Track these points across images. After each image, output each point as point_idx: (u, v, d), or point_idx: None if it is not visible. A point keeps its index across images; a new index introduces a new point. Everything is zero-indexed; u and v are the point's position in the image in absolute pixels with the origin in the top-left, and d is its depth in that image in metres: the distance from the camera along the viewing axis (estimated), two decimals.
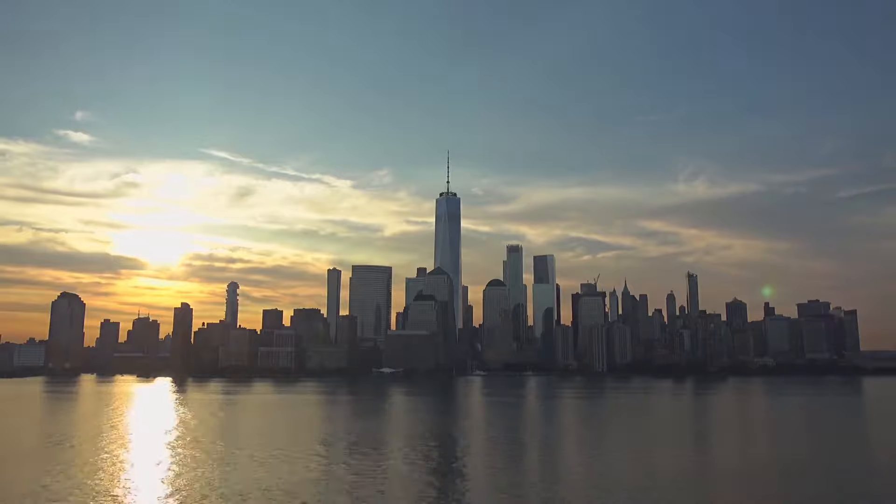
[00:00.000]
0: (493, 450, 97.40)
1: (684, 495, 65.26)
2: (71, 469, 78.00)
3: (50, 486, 67.79)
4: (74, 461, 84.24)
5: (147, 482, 71.07)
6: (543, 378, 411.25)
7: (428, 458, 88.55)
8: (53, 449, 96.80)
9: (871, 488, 68.80)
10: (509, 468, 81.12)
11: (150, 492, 66.07)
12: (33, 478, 72.59)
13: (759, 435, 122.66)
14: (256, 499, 62.41)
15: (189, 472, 76.71)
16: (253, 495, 63.56)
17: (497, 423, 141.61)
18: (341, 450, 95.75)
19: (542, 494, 65.88)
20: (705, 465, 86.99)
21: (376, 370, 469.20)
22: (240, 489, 66.09)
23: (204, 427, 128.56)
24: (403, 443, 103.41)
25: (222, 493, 64.46)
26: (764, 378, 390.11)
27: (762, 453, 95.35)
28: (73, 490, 66.15)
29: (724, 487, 69.83)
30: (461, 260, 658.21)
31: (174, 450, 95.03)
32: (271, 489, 66.01)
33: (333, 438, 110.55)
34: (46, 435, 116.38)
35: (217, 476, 73.51)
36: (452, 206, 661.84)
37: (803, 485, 70.33)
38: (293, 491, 65.42)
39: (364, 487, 67.69)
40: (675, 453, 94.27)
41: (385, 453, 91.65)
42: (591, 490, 67.80)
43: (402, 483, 70.90)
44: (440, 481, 72.12)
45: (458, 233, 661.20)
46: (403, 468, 79.60)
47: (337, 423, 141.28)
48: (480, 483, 72.04)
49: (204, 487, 67.39)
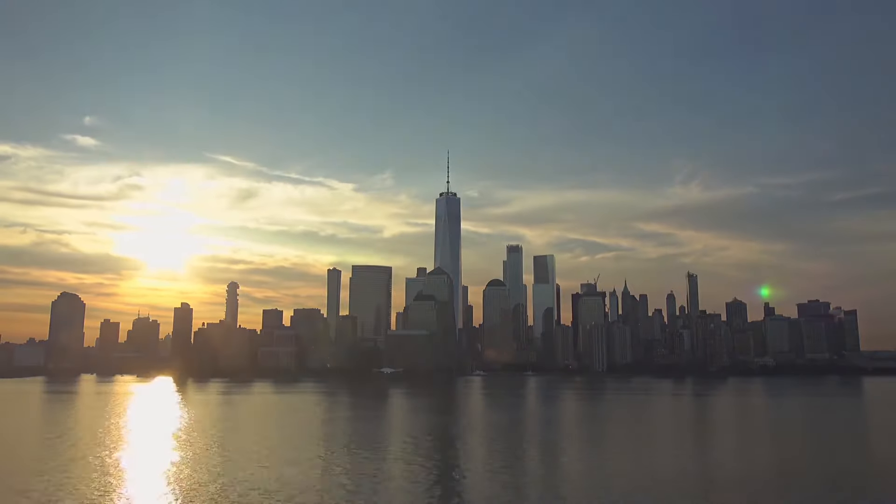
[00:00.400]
0: (492, 450, 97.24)
1: (684, 496, 65.23)
2: (70, 469, 77.90)
3: (48, 487, 67.71)
4: (73, 461, 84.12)
5: (145, 483, 70.93)
6: (543, 378, 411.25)
7: (427, 459, 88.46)
8: (53, 449, 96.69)
9: (871, 489, 68.77)
10: (509, 470, 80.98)
11: (149, 492, 65.91)
12: (32, 478, 72.52)
13: (760, 437, 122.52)
14: (255, 499, 62.35)
15: (188, 472, 76.60)
16: (251, 496, 63.48)
17: (496, 425, 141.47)
18: (340, 451, 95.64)
19: (541, 495, 65.83)
20: (705, 467, 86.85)
21: (376, 370, 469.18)
22: (239, 490, 66.01)
23: (203, 428, 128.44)
24: (402, 443, 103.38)
25: (222, 494, 64.42)
26: (764, 378, 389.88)
27: (763, 455, 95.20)
28: (72, 491, 66.08)
29: (724, 489, 69.74)
30: (461, 260, 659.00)
31: (172, 451, 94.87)
32: (271, 490, 65.92)
33: (333, 439, 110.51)
34: (46, 435, 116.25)
35: (216, 477, 73.38)
36: (452, 206, 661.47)
37: (803, 486, 70.24)
38: (292, 492, 65.34)
39: (364, 490, 67.60)
40: (675, 454, 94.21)
41: (385, 454, 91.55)
42: (590, 490, 67.74)
43: (401, 485, 70.82)
44: (439, 483, 72.09)
45: (458, 233, 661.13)
46: (402, 470, 79.52)
47: (336, 424, 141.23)
48: (480, 484, 71.91)
49: (203, 488, 67.30)
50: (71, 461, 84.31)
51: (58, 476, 73.39)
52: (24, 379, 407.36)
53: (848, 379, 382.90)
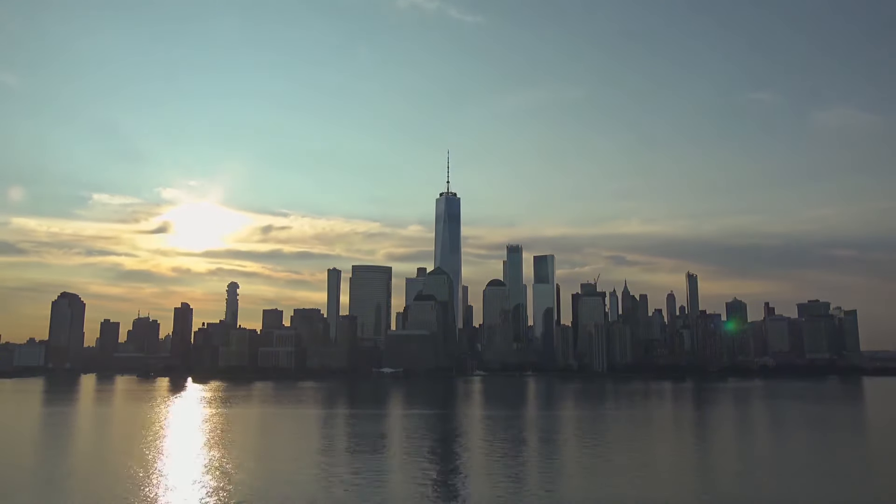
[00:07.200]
0: (492, 450, 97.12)
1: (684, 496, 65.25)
2: (67, 471, 77.91)
3: (45, 489, 67.69)
4: (71, 463, 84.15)
5: (143, 484, 70.92)
6: (543, 378, 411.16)
7: (427, 459, 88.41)
8: (50, 450, 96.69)
9: (871, 489, 68.74)
10: (509, 470, 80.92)
11: (148, 494, 65.91)
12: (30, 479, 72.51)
13: (760, 437, 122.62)
14: (255, 499, 62.31)
15: (187, 473, 76.62)
16: (250, 496, 63.45)
17: (497, 424, 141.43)
18: (340, 451, 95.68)
19: (541, 495, 65.80)
20: (706, 467, 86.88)
21: (376, 370, 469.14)
22: (238, 489, 65.98)
23: (203, 428, 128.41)
24: (402, 443, 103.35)
25: (220, 493, 64.39)
26: (764, 378, 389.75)
27: (763, 455, 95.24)
28: (70, 491, 66.07)
29: (724, 490, 69.73)
30: (461, 260, 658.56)
31: (170, 452, 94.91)
32: (271, 490, 65.91)
33: (333, 439, 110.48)
34: (44, 436, 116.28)
35: (215, 477, 73.37)
36: (452, 206, 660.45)
37: (804, 486, 70.21)
38: (293, 492, 65.33)
39: (365, 490, 67.57)
40: (676, 455, 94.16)
41: (385, 454, 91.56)
42: (590, 490, 67.73)
43: (401, 485, 70.82)
44: (439, 483, 72.09)
45: (458, 233, 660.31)
46: (402, 470, 79.54)
47: (336, 424, 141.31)
48: (480, 484, 71.83)
49: (203, 488, 67.28)
50: (68, 463, 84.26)
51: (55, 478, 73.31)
52: (23, 379, 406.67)
53: (848, 379, 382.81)
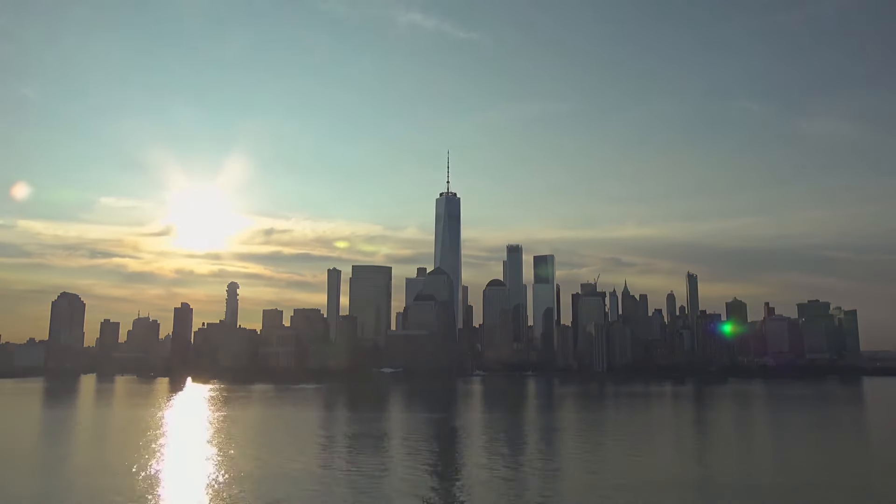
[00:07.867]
0: (492, 450, 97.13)
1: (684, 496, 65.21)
2: (67, 471, 77.87)
3: (45, 489, 67.67)
4: (71, 463, 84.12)
5: (143, 484, 70.91)
6: (543, 378, 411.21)
7: (426, 459, 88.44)
8: (50, 450, 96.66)
9: (871, 489, 68.73)
10: (508, 470, 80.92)
11: (148, 494, 65.90)
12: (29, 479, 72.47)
13: (760, 437, 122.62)
14: (255, 498, 62.30)
15: (187, 473, 76.62)
16: (250, 496, 63.44)
17: (497, 424, 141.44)
18: (340, 451, 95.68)
19: (541, 495, 65.79)
20: (705, 468, 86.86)
21: (376, 370, 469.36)
22: (236, 489, 65.99)
23: (203, 428, 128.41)
24: (402, 443, 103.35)
25: (219, 492, 64.38)
26: (764, 378, 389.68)
27: (763, 455, 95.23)
28: (69, 492, 66.04)
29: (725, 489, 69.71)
30: (461, 260, 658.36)
31: (170, 452, 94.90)
32: (271, 489, 65.89)
33: (332, 439, 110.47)
34: (44, 435, 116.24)
35: (215, 478, 73.38)
36: (452, 205, 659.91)
37: (804, 487, 70.18)
38: (292, 492, 65.33)
39: (365, 490, 67.56)
40: (675, 454, 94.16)
41: (384, 454, 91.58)
42: (591, 490, 67.71)
43: (401, 485, 70.80)
44: (439, 483, 72.07)
45: (458, 233, 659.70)
46: (402, 470, 79.50)
47: (336, 424, 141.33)
48: (480, 484, 71.83)
49: (203, 489, 67.29)
50: (68, 463, 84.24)
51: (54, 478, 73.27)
52: (23, 379, 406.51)
53: (848, 379, 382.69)
